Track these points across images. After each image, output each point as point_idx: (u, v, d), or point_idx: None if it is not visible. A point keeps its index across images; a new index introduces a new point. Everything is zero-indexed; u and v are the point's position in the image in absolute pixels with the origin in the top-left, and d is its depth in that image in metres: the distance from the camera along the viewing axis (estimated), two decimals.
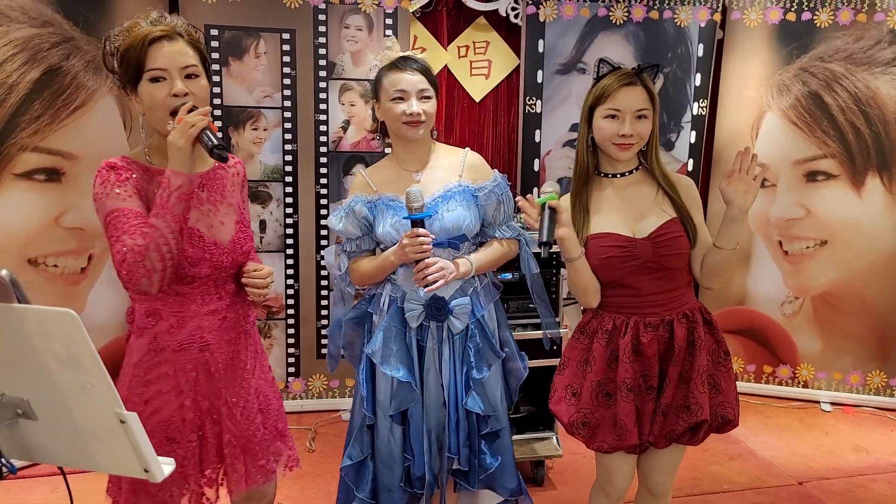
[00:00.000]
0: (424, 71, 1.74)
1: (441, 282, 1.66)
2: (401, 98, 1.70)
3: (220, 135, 1.37)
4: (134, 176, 1.39)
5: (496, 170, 1.86)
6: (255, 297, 1.52)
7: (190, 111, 1.34)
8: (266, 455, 1.57)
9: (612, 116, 1.61)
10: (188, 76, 1.38)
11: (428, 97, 1.73)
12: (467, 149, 1.86)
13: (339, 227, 1.76)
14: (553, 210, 1.52)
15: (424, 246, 1.63)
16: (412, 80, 1.71)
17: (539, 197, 1.56)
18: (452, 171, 1.79)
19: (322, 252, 2.05)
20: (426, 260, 1.65)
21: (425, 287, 1.66)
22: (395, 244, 1.71)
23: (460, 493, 1.84)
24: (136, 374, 1.45)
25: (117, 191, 1.36)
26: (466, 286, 1.77)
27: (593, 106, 1.65)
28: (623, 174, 1.68)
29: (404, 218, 1.67)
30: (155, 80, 1.36)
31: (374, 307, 1.80)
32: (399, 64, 1.73)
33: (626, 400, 1.61)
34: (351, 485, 1.80)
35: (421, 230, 1.64)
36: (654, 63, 1.66)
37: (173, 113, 1.36)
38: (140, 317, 1.47)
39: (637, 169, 1.69)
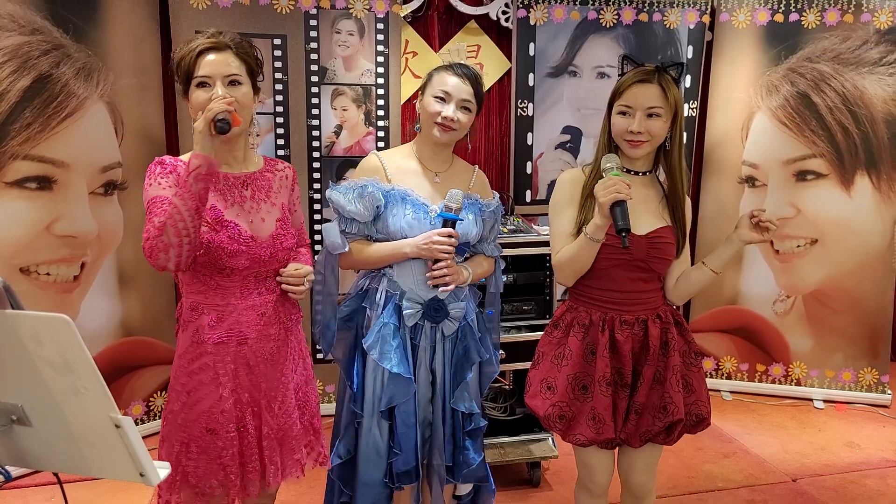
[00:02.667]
0: (474, 83, 1.76)
1: (453, 285, 1.72)
2: (443, 99, 1.73)
3: (237, 120, 1.43)
4: (178, 170, 1.49)
5: (495, 192, 1.95)
6: (293, 296, 1.59)
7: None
8: (300, 449, 1.63)
9: (625, 113, 1.61)
10: (231, 83, 1.49)
11: (468, 109, 1.75)
12: (476, 166, 1.93)
13: (349, 207, 1.73)
14: (623, 201, 1.50)
15: (452, 247, 1.67)
16: (460, 86, 1.73)
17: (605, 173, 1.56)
18: (465, 182, 1.85)
19: (321, 227, 2.03)
20: (446, 261, 1.69)
21: (439, 287, 1.72)
22: (403, 237, 1.73)
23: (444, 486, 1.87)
24: (181, 364, 1.54)
25: (160, 181, 1.49)
26: (459, 291, 1.82)
27: (611, 101, 1.66)
28: (637, 173, 1.68)
29: (438, 216, 1.70)
30: (201, 85, 1.49)
31: (368, 302, 1.80)
32: (454, 68, 1.76)
33: (604, 394, 1.63)
34: (338, 482, 1.82)
35: (453, 231, 1.69)
36: (678, 62, 1.64)
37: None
38: (185, 311, 1.55)
39: (651, 172, 1.70)
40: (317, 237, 3.06)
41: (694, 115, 3.33)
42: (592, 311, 1.67)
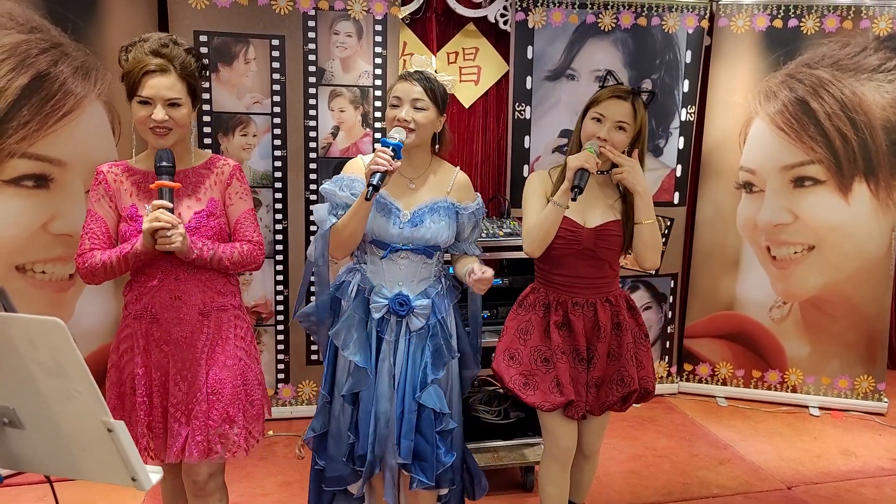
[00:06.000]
0: (424, 83, 1.80)
1: (488, 287, 1.79)
2: (396, 104, 1.80)
3: (170, 226, 1.58)
4: (107, 180, 1.70)
5: (478, 193, 1.99)
6: (162, 242, 1.60)
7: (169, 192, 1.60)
8: (206, 433, 1.69)
9: (597, 120, 1.84)
10: (171, 104, 1.62)
11: (422, 108, 1.79)
12: (458, 168, 1.96)
13: (340, 193, 1.82)
14: (587, 171, 1.76)
15: (388, 159, 1.69)
16: (408, 88, 1.79)
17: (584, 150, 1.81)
18: (443, 186, 1.90)
19: (312, 207, 2.10)
20: (487, 274, 1.76)
21: (480, 291, 1.81)
22: (373, 240, 1.84)
23: (417, 490, 1.88)
24: (118, 329, 1.77)
25: (92, 193, 1.70)
26: (430, 289, 1.88)
27: (587, 108, 1.88)
28: (597, 172, 1.87)
29: (381, 141, 1.75)
30: (142, 102, 1.62)
31: (342, 293, 1.91)
32: (404, 75, 1.84)
33: (561, 361, 1.87)
34: (314, 453, 1.96)
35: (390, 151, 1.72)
36: (652, 91, 1.89)
37: (153, 129, 1.62)
38: (126, 287, 1.76)
39: (608, 172, 1.91)
40: (312, 238, 3.05)
41: (692, 119, 3.33)
42: (550, 293, 1.92)
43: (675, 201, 3.38)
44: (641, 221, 1.85)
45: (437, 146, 1.90)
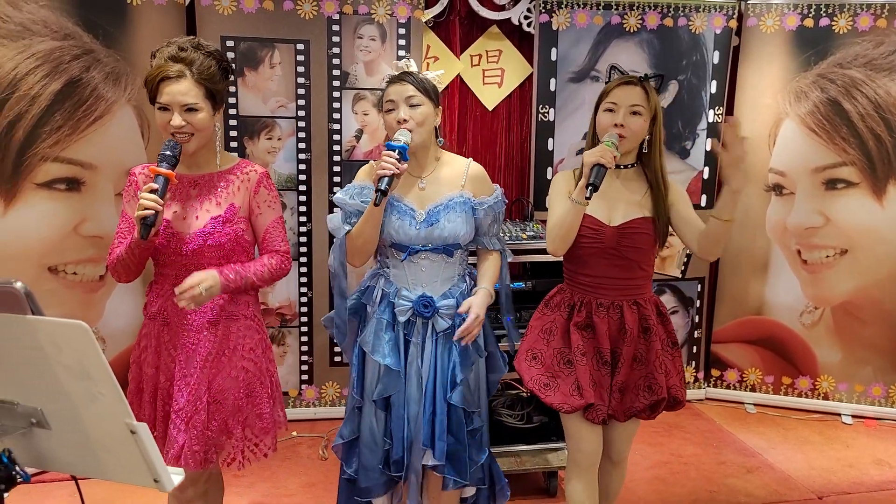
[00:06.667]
0: (414, 80, 1.80)
1: (474, 335, 1.83)
2: (391, 108, 1.80)
3: (159, 219, 1.58)
4: (139, 182, 1.72)
5: (497, 185, 1.95)
6: (183, 304, 1.63)
7: (156, 188, 1.57)
8: (203, 443, 1.68)
9: (610, 110, 1.80)
10: (188, 110, 1.62)
11: (417, 104, 1.78)
12: (470, 160, 1.93)
13: (351, 202, 1.82)
14: (604, 167, 1.69)
15: (393, 161, 1.68)
16: (399, 89, 1.79)
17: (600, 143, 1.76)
18: (455, 181, 1.87)
19: (326, 217, 2.11)
20: (472, 333, 1.79)
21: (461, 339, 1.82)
22: (392, 243, 1.84)
23: (441, 491, 1.88)
24: (140, 329, 1.80)
25: (125, 194, 1.74)
26: (454, 289, 1.87)
27: (598, 102, 1.84)
28: (619, 166, 1.83)
29: (387, 145, 1.74)
30: (161, 108, 1.64)
31: (367, 298, 1.91)
32: (391, 79, 1.83)
33: (581, 364, 1.82)
34: (342, 461, 1.94)
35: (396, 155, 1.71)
36: (658, 73, 1.82)
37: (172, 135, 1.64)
38: (148, 286, 1.80)
39: (633, 166, 1.86)
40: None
41: (719, 121, 3.28)
42: (575, 294, 1.88)
43: (703, 204, 3.32)
44: (722, 218, 1.71)
45: (440, 140, 1.89)
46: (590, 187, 1.67)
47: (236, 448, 1.74)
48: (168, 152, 1.59)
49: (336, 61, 2.96)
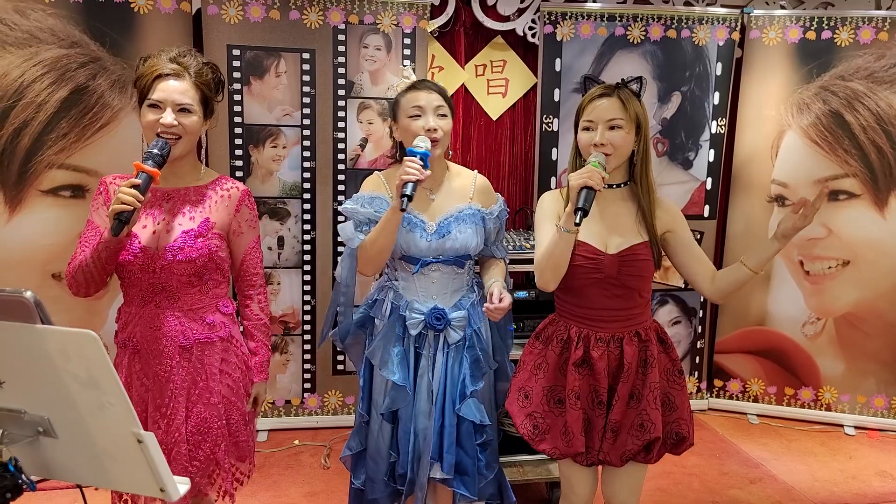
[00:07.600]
0: (441, 91, 1.82)
1: (502, 315, 1.77)
2: (418, 115, 1.77)
3: (134, 217, 1.47)
4: (110, 191, 1.62)
5: (498, 193, 1.97)
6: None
7: (137, 185, 1.47)
8: (187, 474, 1.59)
9: (588, 128, 1.66)
10: (182, 110, 1.57)
11: (444, 115, 1.79)
12: (476, 172, 1.94)
13: (362, 210, 1.80)
14: (592, 189, 1.54)
15: (418, 168, 1.64)
16: (429, 97, 1.78)
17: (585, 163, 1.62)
18: (464, 192, 1.88)
19: (338, 227, 2.10)
20: (504, 302, 1.73)
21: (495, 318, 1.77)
22: (402, 256, 1.81)
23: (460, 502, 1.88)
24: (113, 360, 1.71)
25: (92, 203, 1.64)
26: (464, 300, 1.86)
27: (576, 120, 1.72)
28: (609, 186, 1.70)
29: (408, 151, 1.71)
30: (152, 106, 1.57)
31: (375, 311, 1.88)
32: (416, 85, 1.82)
33: (573, 407, 1.66)
34: (350, 472, 1.94)
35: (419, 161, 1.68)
36: (635, 76, 1.69)
37: (159, 135, 1.56)
38: (117, 311, 1.70)
39: (625, 185, 1.72)
40: (339, 249, 3.08)
41: (722, 132, 3.29)
42: (570, 327, 1.71)
43: (706, 214, 3.33)
44: (755, 270, 1.66)
45: (450, 152, 1.90)
46: (578, 213, 1.50)
47: (226, 480, 1.68)
48: (156, 150, 1.52)
49: (341, 70, 2.97)
